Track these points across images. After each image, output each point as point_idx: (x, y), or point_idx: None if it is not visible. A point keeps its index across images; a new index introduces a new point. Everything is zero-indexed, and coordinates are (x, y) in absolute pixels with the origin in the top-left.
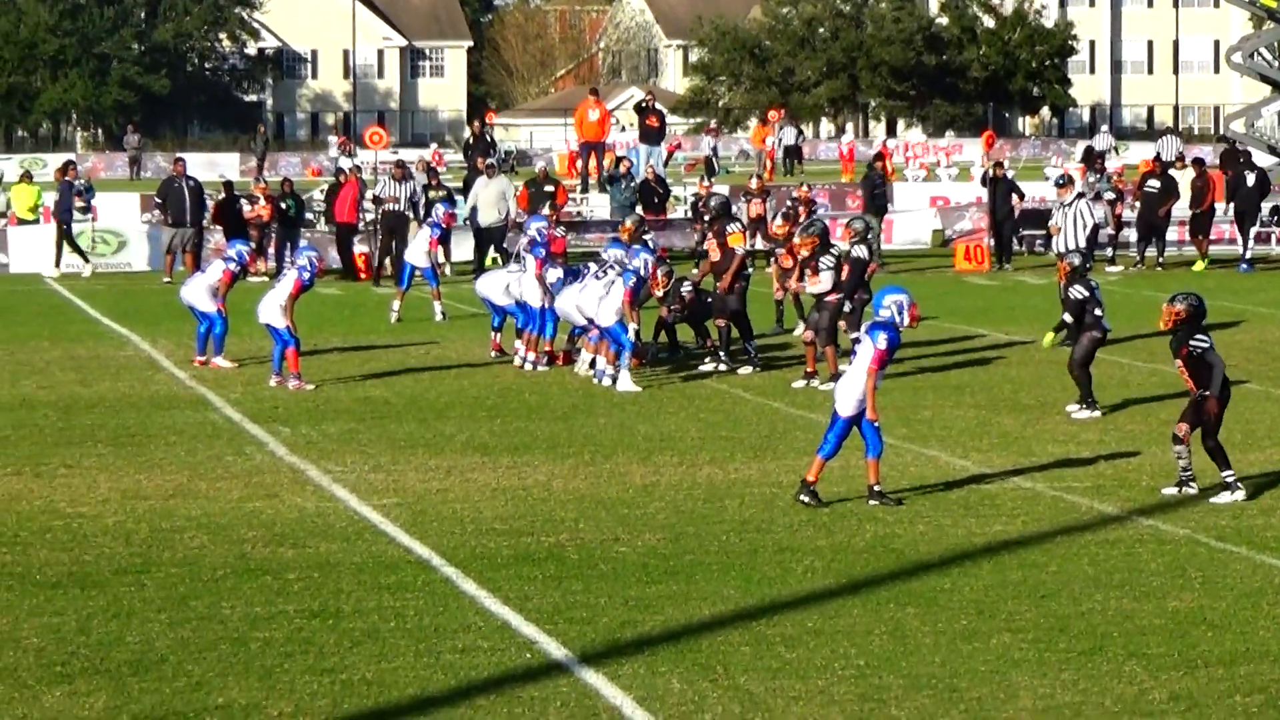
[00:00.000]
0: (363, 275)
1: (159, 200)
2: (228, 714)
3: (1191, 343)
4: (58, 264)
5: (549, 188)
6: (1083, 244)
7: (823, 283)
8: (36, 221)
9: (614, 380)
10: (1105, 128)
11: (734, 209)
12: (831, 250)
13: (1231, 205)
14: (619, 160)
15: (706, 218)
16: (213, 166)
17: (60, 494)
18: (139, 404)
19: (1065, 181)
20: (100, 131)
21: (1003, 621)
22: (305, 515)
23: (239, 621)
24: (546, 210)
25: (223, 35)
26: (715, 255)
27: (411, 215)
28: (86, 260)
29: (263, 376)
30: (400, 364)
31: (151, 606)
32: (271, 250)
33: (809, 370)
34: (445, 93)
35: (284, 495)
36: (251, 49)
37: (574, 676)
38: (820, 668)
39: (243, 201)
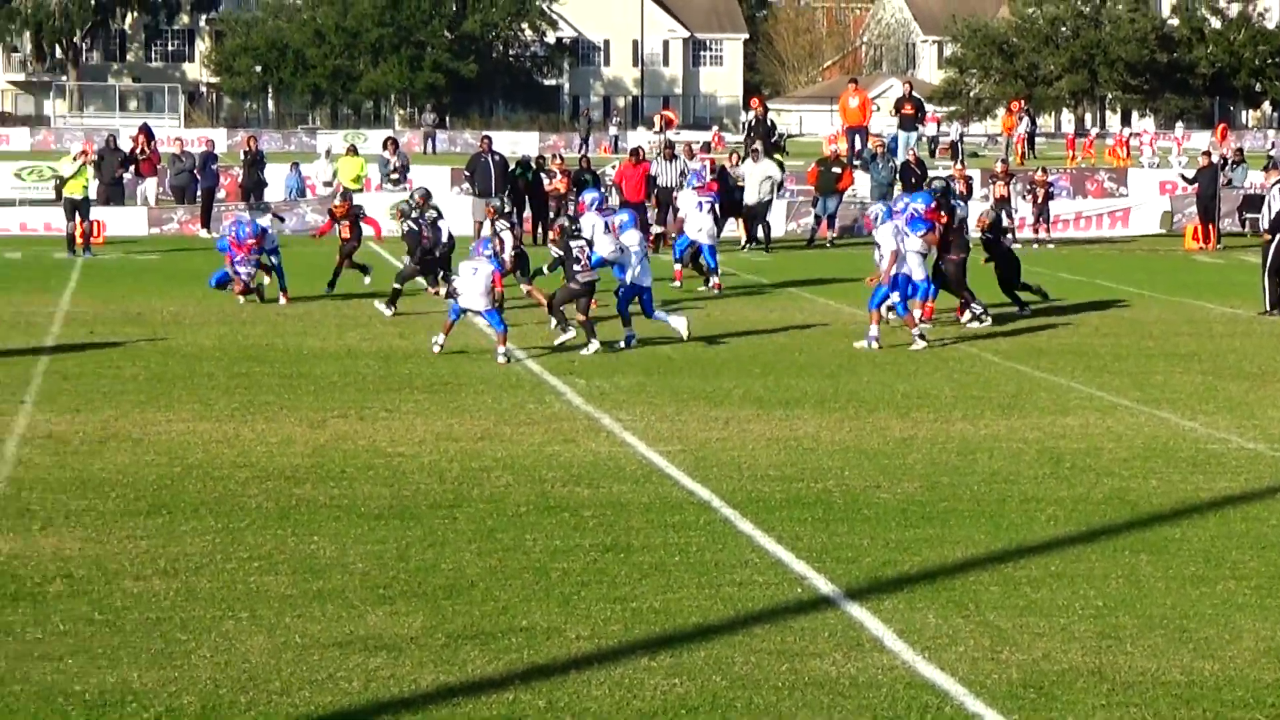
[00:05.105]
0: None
1: (467, 173)
2: (530, 635)
3: None
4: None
5: (836, 169)
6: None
7: None
8: (360, 190)
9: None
10: None
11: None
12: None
13: None
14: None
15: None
16: (514, 144)
17: (381, 435)
18: (451, 355)
19: (1271, 165)
20: (416, 110)
21: (1228, 569)
22: (599, 459)
23: (540, 553)
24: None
25: (525, 25)
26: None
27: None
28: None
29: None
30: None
31: (463, 537)
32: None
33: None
34: (723, 80)
35: (580, 440)
36: (550, 38)
37: (840, 610)
38: (1062, 607)
39: (543, 175)
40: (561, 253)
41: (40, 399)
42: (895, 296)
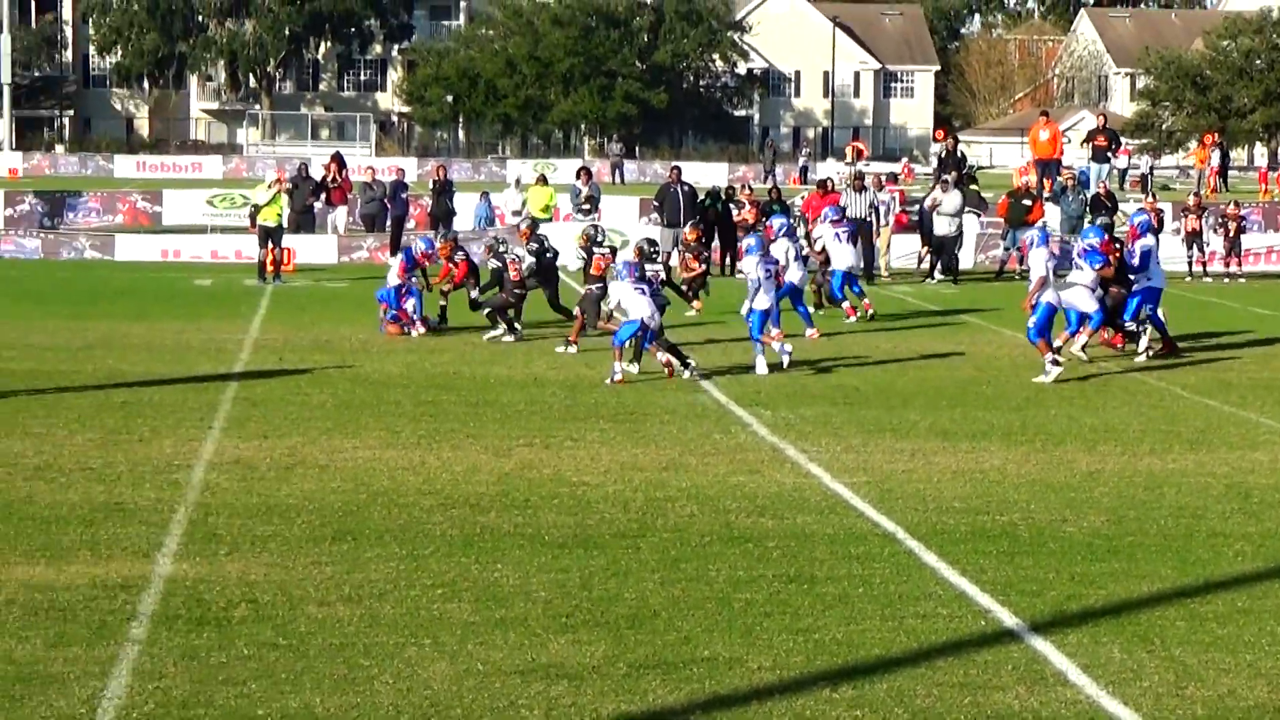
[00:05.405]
0: None
1: (656, 203)
2: (712, 666)
3: None
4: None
5: (1027, 201)
6: None
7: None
8: (549, 220)
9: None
10: None
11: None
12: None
13: None
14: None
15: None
16: (705, 175)
17: (566, 463)
18: (636, 385)
19: None
20: (605, 140)
21: None
22: (784, 490)
23: (723, 583)
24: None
25: (715, 56)
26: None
27: (873, 221)
28: None
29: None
30: (869, 355)
31: (646, 567)
32: None
33: None
34: (914, 112)
35: (765, 471)
36: (741, 69)
37: (1024, 643)
38: (1249, 644)
39: (731, 206)
40: None
41: (228, 425)
42: (1032, 320)
